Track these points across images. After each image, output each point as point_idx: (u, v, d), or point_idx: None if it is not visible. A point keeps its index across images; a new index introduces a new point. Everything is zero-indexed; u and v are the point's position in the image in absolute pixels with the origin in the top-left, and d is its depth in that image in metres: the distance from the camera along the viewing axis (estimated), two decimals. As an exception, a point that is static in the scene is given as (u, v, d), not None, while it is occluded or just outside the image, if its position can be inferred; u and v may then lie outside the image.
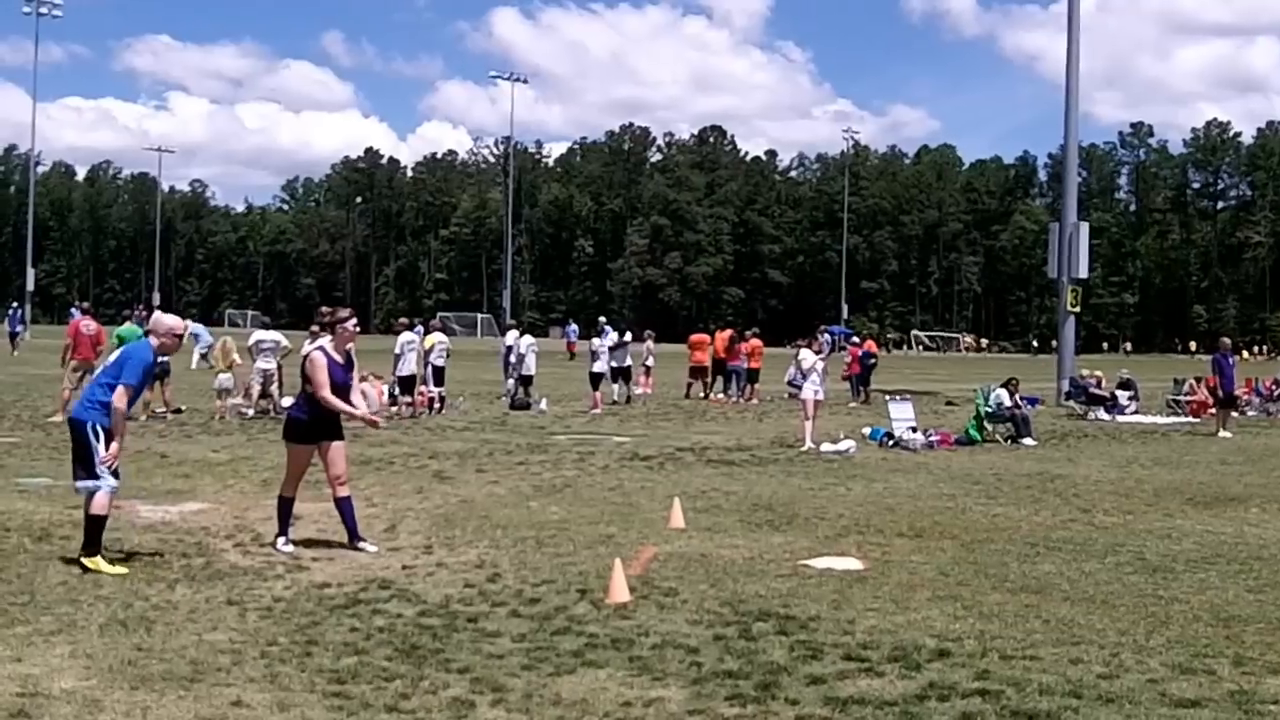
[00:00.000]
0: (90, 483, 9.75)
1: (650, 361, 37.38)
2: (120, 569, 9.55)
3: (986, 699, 6.81)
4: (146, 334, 10.94)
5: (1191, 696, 6.96)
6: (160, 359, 11.69)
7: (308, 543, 10.95)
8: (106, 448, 9.76)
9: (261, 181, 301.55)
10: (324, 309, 13.28)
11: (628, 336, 33.67)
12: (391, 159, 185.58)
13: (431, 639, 7.83)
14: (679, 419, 27.02)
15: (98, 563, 9.54)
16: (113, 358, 10.28)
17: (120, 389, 9.80)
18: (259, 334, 25.35)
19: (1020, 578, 10.17)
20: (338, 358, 10.79)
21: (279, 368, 24.25)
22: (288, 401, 24.25)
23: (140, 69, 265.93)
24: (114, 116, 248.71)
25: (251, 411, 23.71)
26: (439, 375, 26.70)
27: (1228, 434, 26.29)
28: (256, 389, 24.08)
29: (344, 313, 11.31)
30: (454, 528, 12.07)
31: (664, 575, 9.93)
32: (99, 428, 9.78)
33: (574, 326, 70.56)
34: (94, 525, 9.70)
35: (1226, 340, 30.68)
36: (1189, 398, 33.27)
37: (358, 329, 11.38)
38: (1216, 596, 9.71)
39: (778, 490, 15.48)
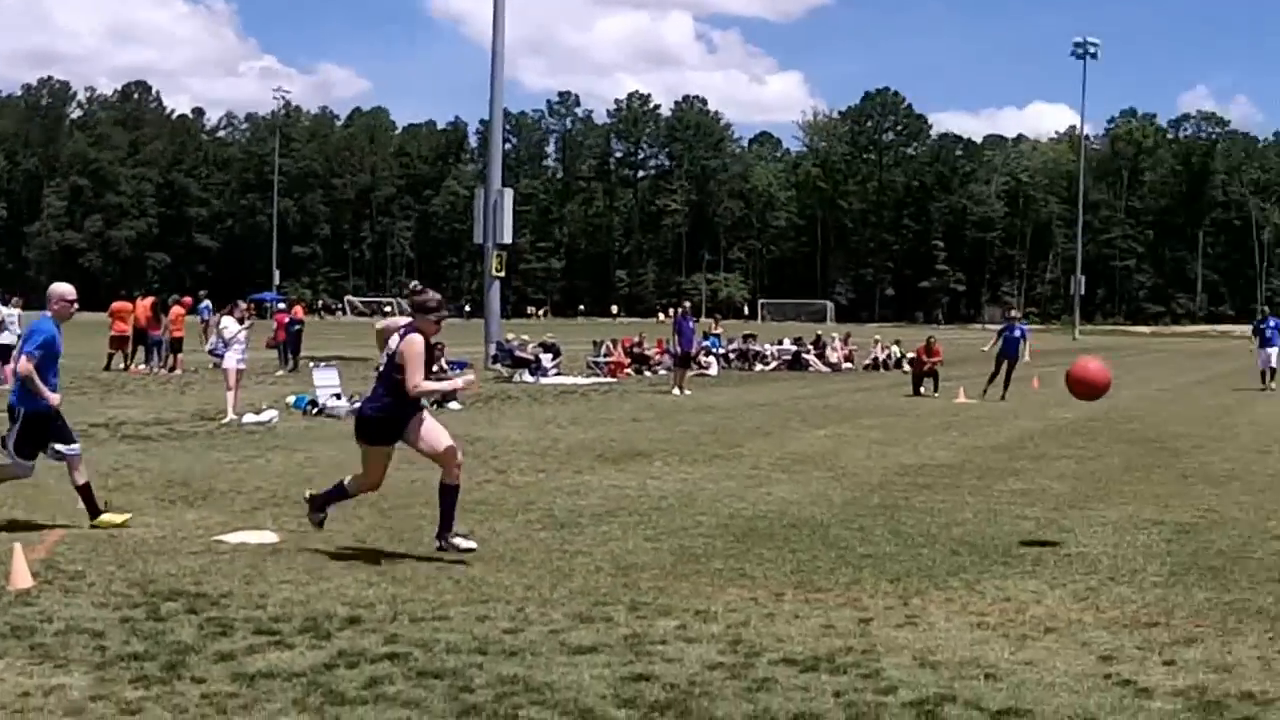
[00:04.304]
0: (64, 448, 10.81)
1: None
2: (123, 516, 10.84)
3: (395, 662, 6.97)
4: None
5: (590, 643, 7.41)
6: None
7: None
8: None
9: None
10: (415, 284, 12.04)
11: None
12: None
13: None
14: (95, 392, 25.78)
15: (108, 519, 10.73)
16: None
17: (23, 358, 10.62)
18: None
19: (433, 541, 10.40)
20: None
21: None
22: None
23: None
24: None
25: None
26: None
27: (687, 391, 28.01)
28: None
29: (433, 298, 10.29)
30: None
31: (70, 558, 9.51)
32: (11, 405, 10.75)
33: None
34: (85, 492, 10.79)
35: (688, 304, 33.13)
36: (607, 359, 35.40)
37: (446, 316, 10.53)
38: (617, 547, 10.39)
39: (194, 465, 15.10)
